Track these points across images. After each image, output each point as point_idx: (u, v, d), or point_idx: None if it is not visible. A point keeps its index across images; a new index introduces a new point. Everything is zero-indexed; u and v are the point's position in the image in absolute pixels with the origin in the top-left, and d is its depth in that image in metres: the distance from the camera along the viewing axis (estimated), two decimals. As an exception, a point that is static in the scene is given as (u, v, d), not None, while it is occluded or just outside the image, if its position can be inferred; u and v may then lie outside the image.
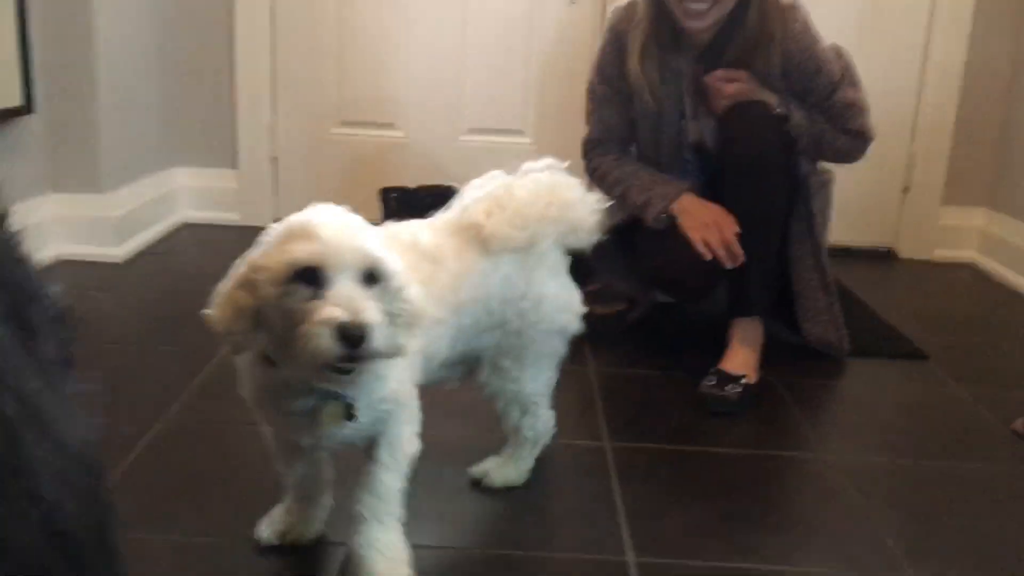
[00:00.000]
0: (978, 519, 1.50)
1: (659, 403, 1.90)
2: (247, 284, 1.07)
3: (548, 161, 1.48)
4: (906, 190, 3.09)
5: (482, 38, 3.01)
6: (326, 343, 1.00)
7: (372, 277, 1.05)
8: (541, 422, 1.50)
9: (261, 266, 1.06)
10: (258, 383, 1.17)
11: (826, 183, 2.14)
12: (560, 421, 1.73)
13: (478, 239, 1.38)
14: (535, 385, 1.47)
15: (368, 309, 1.01)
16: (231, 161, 3.07)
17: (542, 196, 1.42)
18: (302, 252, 1.02)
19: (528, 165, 1.48)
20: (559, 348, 1.49)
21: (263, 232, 1.11)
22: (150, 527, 1.34)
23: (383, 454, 1.22)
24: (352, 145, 3.10)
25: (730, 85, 1.97)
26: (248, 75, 3.00)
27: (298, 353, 1.02)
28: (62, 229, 2.56)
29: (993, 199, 3.09)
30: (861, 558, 1.37)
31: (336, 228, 1.05)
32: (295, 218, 1.09)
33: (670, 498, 1.52)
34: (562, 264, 1.48)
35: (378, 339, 1.02)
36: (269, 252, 1.07)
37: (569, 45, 3.01)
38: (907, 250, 3.13)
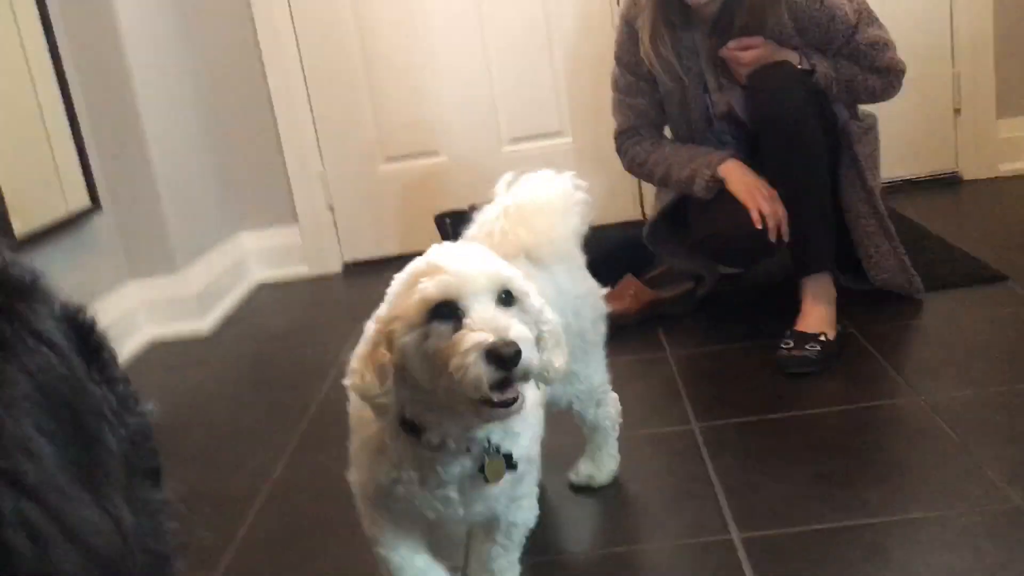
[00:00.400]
0: (1080, 435, 1.48)
1: (741, 376, 1.91)
2: (383, 339, 1.03)
3: (543, 172, 1.47)
4: (957, 111, 3.04)
5: (502, 47, 3.06)
6: (480, 369, 0.95)
7: (508, 298, 1.01)
8: (612, 407, 1.55)
9: (394, 316, 1.02)
10: (398, 460, 1.09)
11: (870, 128, 2.13)
12: (646, 410, 1.77)
13: (522, 256, 1.33)
14: (600, 376, 1.51)
15: (513, 326, 0.97)
16: (291, 216, 3.18)
17: (559, 198, 1.41)
18: (432, 288, 0.99)
19: (525, 176, 1.46)
20: (605, 332, 1.52)
21: (388, 287, 1.09)
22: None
23: (501, 536, 1.18)
24: (401, 178, 3.18)
25: (747, 53, 1.98)
26: (291, 131, 3.11)
27: (454, 392, 0.98)
28: (147, 313, 2.70)
29: (1049, 102, 3.00)
30: (962, 492, 1.38)
31: (460, 257, 1.03)
32: (417, 261, 1.06)
33: (765, 468, 1.54)
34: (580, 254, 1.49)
35: (531, 355, 0.97)
36: (399, 300, 1.03)
37: (589, 36, 3.03)
38: (970, 171, 3.07)
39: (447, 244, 1.07)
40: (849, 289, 2.15)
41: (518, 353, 0.95)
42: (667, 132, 2.27)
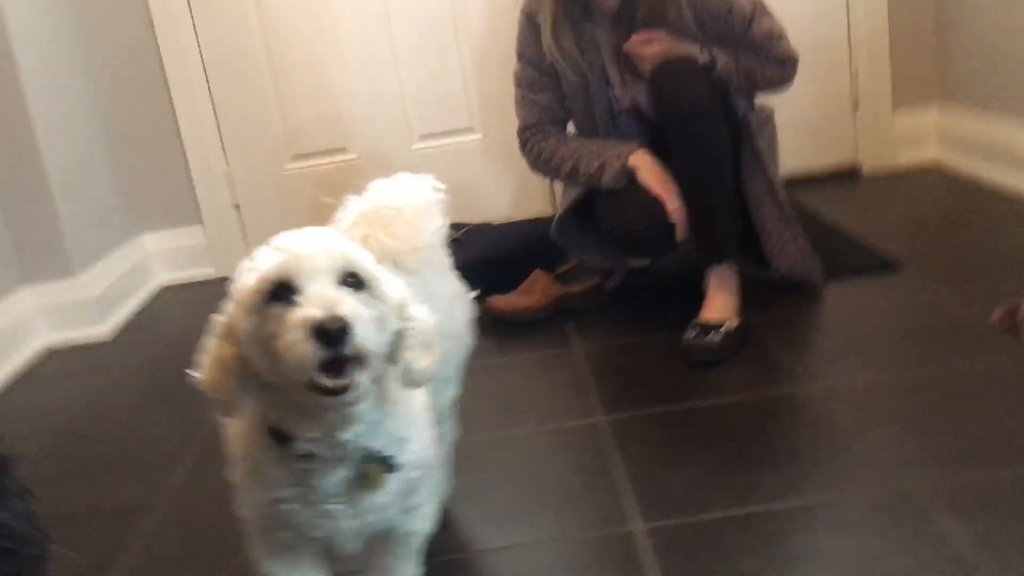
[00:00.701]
0: (969, 418, 1.53)
1: (648, 368, 1.93)
2: (227, 333, 0.97)
3: (399, 176, 1.36)
4: (855, 104, 3.12)
5: (411, 44, 3.03)
6: (303, 347, 0.88)
7: (356, 282, 0.94)
8: (455, 422, 1.47)
9: (234, 303, 0.96)
10: (273, 477, 1.01)
11: (767, 119, 2.17)
12: (552, 406, 1.76)
13: (388, 263, 1.18)
14: (457, 386, 1.40)
15: (345, 301, 0.89)
16: (195, 217, 3.10)
17: (419, 201, 1.31)
18: (269, 268, 0.93)
19: (375, 182, 1.35)
20: (471, 340, 1.42)
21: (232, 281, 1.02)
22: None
23: (397, 547, 1.12)
24: (309, 176, 3.12)
25: (649, 47, 1.99)
26: (193, 130, 3.02)
27: (285, 375, 0.91)
28: (42, 319, 2.59)
29: (942, 93, 3.10)
30: (854, 478, 1.41)
31: (303, 238, 0.96)
32: (259, 248, 0.99)
33: (669, 458, 1.55)
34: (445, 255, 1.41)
35: (365, 334, 0.89)
36: (240, 287, 0.96)
37: (497, 33, 3.02)
38: (870, 163, 3.16)
39: (301, 230, 0.98)
40: (753, 279, 2.19)
41: (344, 329, 0.87)
42: (570, 128, 2.28)
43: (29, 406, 2.23)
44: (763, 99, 2.21)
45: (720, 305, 1.98)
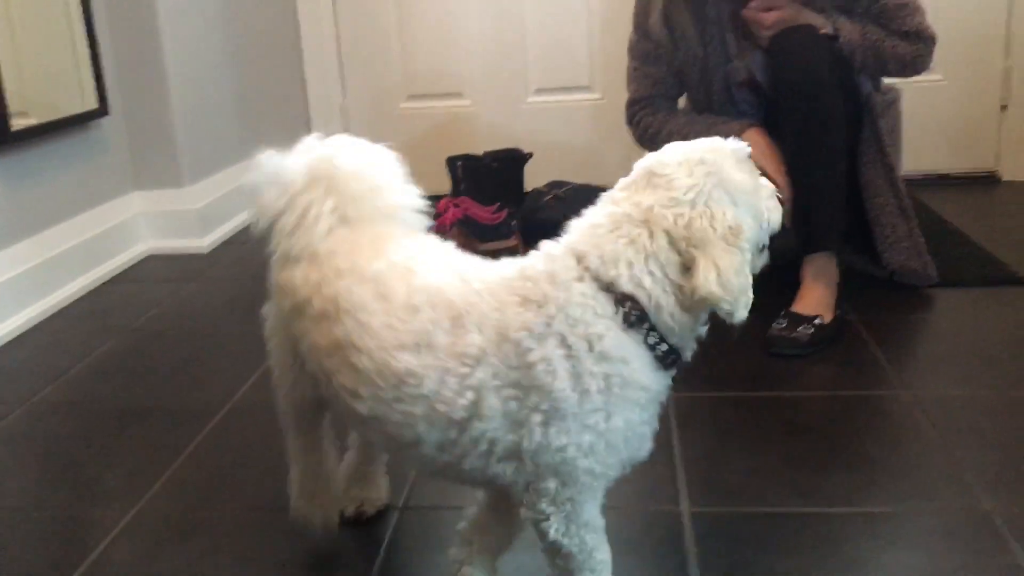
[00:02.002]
0: (1068, 447, 1.40)
1: (727, 351, 1.84)
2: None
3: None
4: (1004, 107, 2.90)
5: (540, -4, 2.97)
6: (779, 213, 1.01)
7: None
8: None
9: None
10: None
11: (893, 102, 2.02)
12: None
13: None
14: None
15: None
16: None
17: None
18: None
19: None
20: None
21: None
22: (227, 494, 1.40)
23: None
24: (421, 118, 3.11)
25: (769, 14, 1.88)
26: (316, 60, 3.05)
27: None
28: (148, 225, 2.67)
29: (1103, 107, 2.86)
30: (930, 492, 1.30)
31: None
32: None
33: (730, 444, 1.48)
34: None
35: None
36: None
37: (629, -7, 2.93)
38: (1010, 172, 2.94)
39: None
40: (862, 274, 2.06)
41: None
42: (681, 103, 2.18)
43: (123, 304, 2.30)
44: (894, 82, 2.06)
45: (814, 297, 1.87)
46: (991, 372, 1.68)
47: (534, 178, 2.77)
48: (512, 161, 2.68)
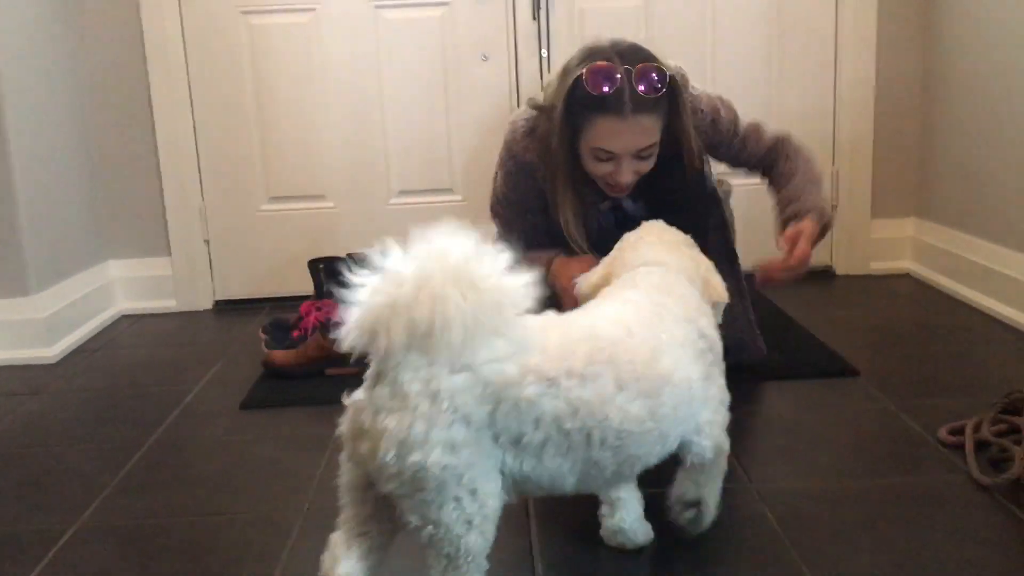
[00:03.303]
0: (897, 533, 1.49)
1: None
2: None
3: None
4: (834, 208, 3.13)
5: (400, 100, 3.05)
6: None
7: None
8: None
9: None
10: None
11: (727, 193, 2.21)
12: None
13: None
14: None
15: None
16: (164, 248, 3.07)
17: None
18: None
19: None
20: None
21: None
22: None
23: None
24: (283, 220, 3.11)
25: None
26: (173, 161, 3.02)
27: None
28: (-10, 335, 2.55)
29: (920, 208, 3.13)
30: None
31: None
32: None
33: (585, 542, 1.51)
34: None
35: None
36: None
37: (485, 102, 3.05)
38: (844, 266, 3.16)
39: None
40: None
41: None
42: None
43: (-41, 421, 2.18)
44: (723, 175, 2.25)
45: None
46: (827, 464, 1.77)
47: (397, 279, 2.80)
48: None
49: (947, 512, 1.55)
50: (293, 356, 2.35)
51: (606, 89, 1.68)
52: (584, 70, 1.71)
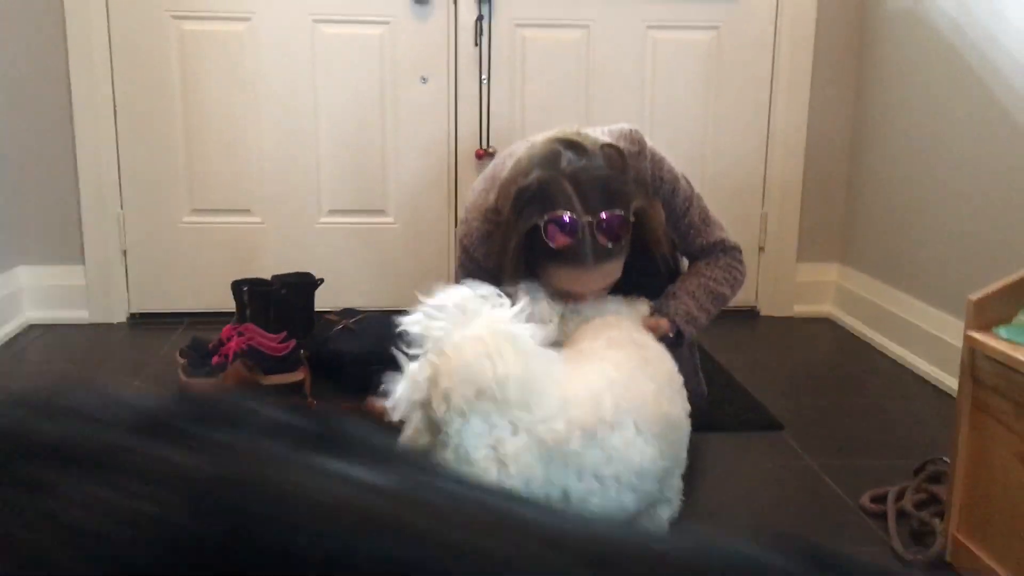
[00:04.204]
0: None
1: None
2: None
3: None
4: (761, 249, 3.18)
5: (335, 117, 2.97)
6: None
7: None
8: None
9: None
10: None
11: None
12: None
13: None
14: None
15: None
16: (78, 257, 2.94)
17: None
18: None
19: None
20: None
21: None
22: None
23: None
24: (206, 233, 3.00)
25: None
26: (91, 165, 2.89)
27: None
28: None
29: (844, 254, 3.20)
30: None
31: None
32: None
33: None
34: None
35: None
36: None
37: (424, 123, 3.00)
38: (767, 307, 3.21)
39: None
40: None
41: None
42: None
43: None
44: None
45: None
46: (756, 527, 1.79)
47: (324, 300, 2.74)
48: (303, 287, 2.64)
49: (869, 589, 1.58)
50: (211, 386, 2.27)
51: (567, 243, 1.54)
52: (543, 220, 1.54)
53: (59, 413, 0.40)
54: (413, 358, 1.14)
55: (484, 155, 3.00)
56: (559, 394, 1.20)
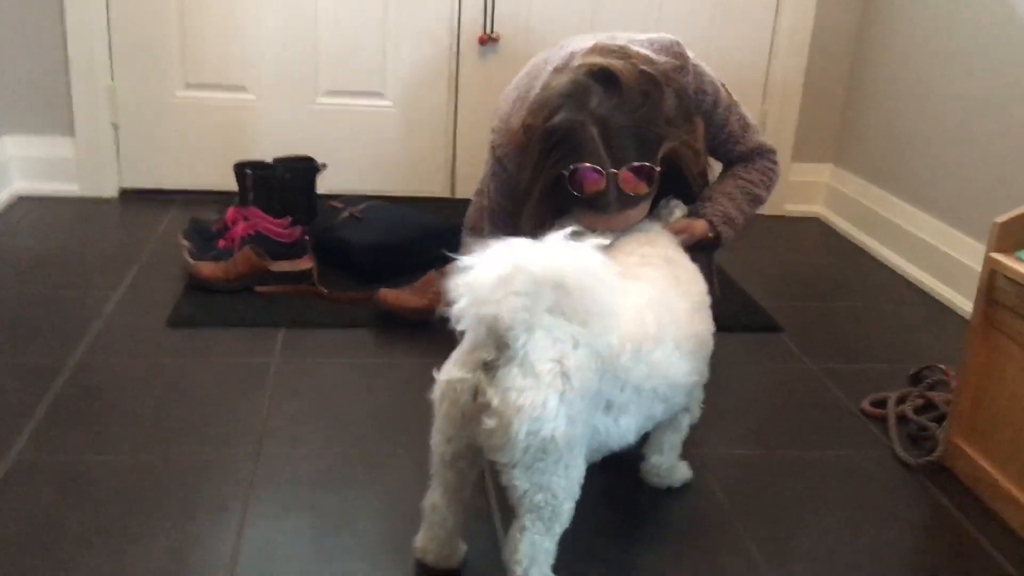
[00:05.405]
0: (831, 511, 1.60)
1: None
2: None
3: None
4: (760, 149, 3.18)
5: (335, -5, 2.87)
6: None
7: None
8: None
9: None
10: None
11: None
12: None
13: None
14: None
15: None
16: (68, 128, 2.85)
17: None
18: None
19: None
20: None
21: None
22: (9, 593, 1.27)
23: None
24: (200, 109, 2.92)
25: None
26: (81, 35, 2.77)
27: None
28: None
29: (837, 156, 3.23)
30: (727, 569, 1.44)
31: None
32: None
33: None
34: None
35: None
36: None
37: (426, 4, 2.91)
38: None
39: None
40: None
41: None
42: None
43: None
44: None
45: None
46: (765, 429, 1.86)
47: (320, 183, 2.70)
48: (306, 172, 2.60)
49: (876, 491, 1.67)
50: (222, 270, 2.26)
51: (592, 190, 1.51)
52: (568, 169, 1.51)
53: None
54: (472, 268, 1.13)
55: (487, 40, 2.93)
56: (615, 308, 1.22)
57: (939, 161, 2.66)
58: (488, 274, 1.10)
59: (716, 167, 1.93)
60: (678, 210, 1.71)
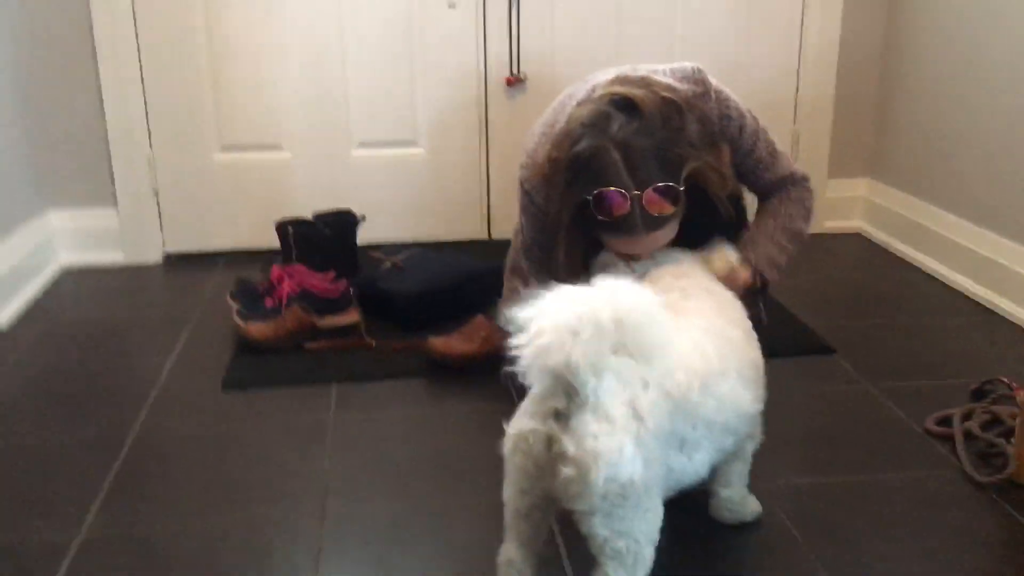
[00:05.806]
0: (905, 535, 1.57)
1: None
2: None
3: None
4: (793, 168, 3.17)
5: (361, 46, 2.91)
6: None
7: None
8: None
9: None
10: None
11: None
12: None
13: None
14: None
15: None
16: (110, 198, 2.90)
17: None
18: None
19: None
20: None
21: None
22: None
23: None
24: (236, 170, 2.97)
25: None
26: (118, 106, 2.83)
27: None
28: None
29: (873, 169, 3.20)
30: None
31: None
32: None
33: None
34: None
35: None
36: None
37: (452, 49, 2.94)
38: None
39: None
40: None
41: None
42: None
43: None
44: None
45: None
46: (827, 456, 1.83)
47: (358, 235, 2.72)
48: (345, 225, 2.63)
49: (949, 512, 1.64)
50: (272, 330, 2.28)
51: (618, 214, 1.52)
52: (591, 195, 1.52)
53: None
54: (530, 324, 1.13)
55: (515, 81, 2.96)
56: (677, 346, 1.23)
57: (980, 168, 2.63)
58: (551, 324, 1.10)
59: (751, 200, 1.92)
60: (732, 254, 1.67)
